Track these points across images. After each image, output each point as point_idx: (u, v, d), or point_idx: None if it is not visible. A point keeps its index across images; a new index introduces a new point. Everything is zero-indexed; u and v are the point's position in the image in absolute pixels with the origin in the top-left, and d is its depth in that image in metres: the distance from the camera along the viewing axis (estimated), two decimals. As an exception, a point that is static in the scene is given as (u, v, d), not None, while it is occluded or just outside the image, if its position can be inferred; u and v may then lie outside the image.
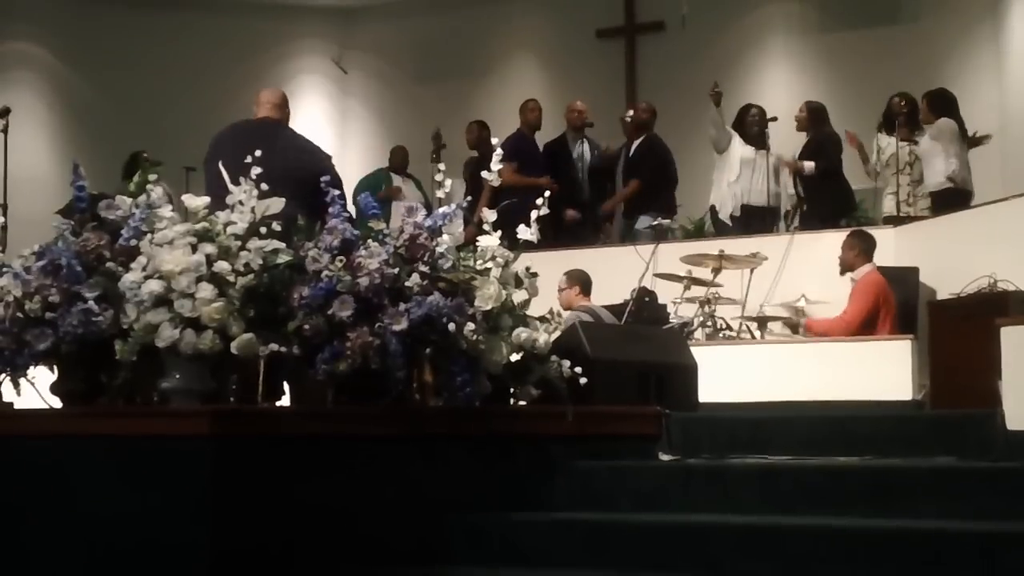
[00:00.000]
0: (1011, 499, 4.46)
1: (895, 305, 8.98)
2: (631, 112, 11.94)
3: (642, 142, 11.74)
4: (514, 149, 11.06)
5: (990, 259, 7.77)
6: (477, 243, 5.16)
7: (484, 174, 5.39)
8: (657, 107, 12.46)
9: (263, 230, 4.90)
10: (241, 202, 5.00)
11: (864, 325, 8.84)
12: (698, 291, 9.44)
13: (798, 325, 9.27)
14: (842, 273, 9.19)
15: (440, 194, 5.30)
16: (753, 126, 11.20)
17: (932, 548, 4.10)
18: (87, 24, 14.66)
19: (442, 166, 5.56)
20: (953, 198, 9.89)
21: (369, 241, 4.89)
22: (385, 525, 4.64)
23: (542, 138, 12.06)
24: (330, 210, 4.97)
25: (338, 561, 4.56)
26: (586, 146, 11.93)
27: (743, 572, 4.26)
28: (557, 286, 8.99)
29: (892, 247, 9.72)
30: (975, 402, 5.72)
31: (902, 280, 9.27)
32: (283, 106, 6.72)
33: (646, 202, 11.42)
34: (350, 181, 11.72)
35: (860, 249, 9.17)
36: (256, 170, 4.93)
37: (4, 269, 5.07)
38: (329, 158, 6.18)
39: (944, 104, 10.26)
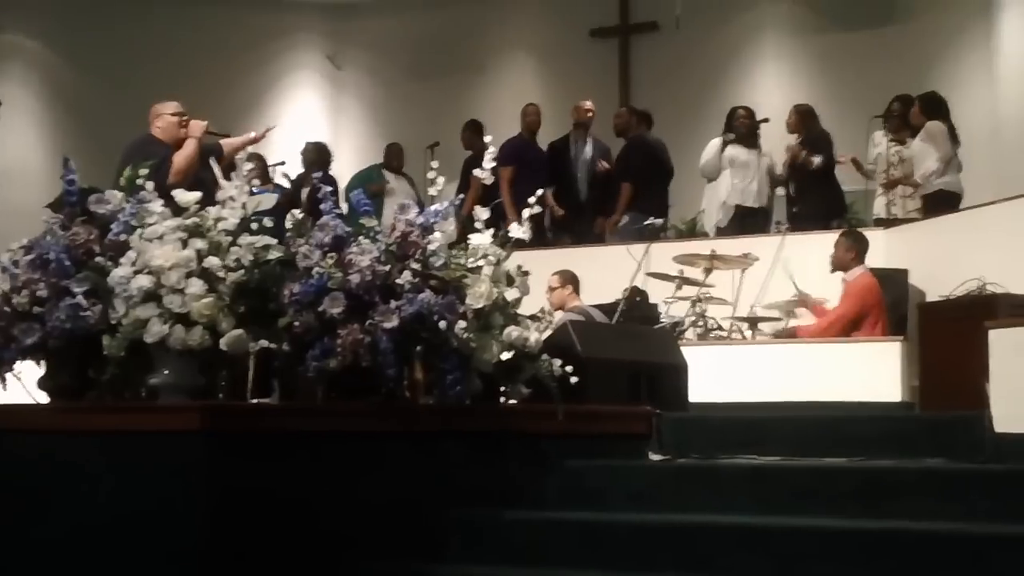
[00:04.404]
0: (999, 500, 4.47)
1: (886, 307, 8.99)
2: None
3: (624, 147, 11.80)
4: (514, 155, 11.10)
5: (979, 262, 7.77)
6: (469, 241, 5.15)
7: (476, 172, 5.39)
8: (651, 107, 12.48)
9: (254, 226, 4.90)
10: (232, 198, 4.99)
11: (848, 326, 8.85)
12: (689, 291, 9.45)
13: (791, 334, 9.25)
14: (833, 271, 9.19)
15: (432, 192, 5.29)
16: (741, 127, 11.22)
17: (921, 549, 4.11)
18: (79, 17, 14.62)
19: (435, 163, 5.55)
20: (944, 200, 9.90)
21: (361, 238, 4.89)
22: (376, 522, 4.63)
23: (540, 139, 12.08)
24: (321, 207, 4.97)
25: (327, 558, 4.55)
26: (588, 146, 11.90)
27: (733, 572, 4.26)
28: (548, 285, 8.97)
29: (882, 249, 9.72)
30: (964, 404, 5.72)
31: (892, 282, 9.28)
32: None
33: (635, 202, 11.44)
34: (343, 178, 11.72)
35: (856, 251, 9.18)
36: None
37: (-7, 262, 5.05)
38: None
39: (935, 107, 10.26)
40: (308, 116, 15.61)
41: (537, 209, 5.30)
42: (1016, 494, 4.50)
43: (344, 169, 12.42)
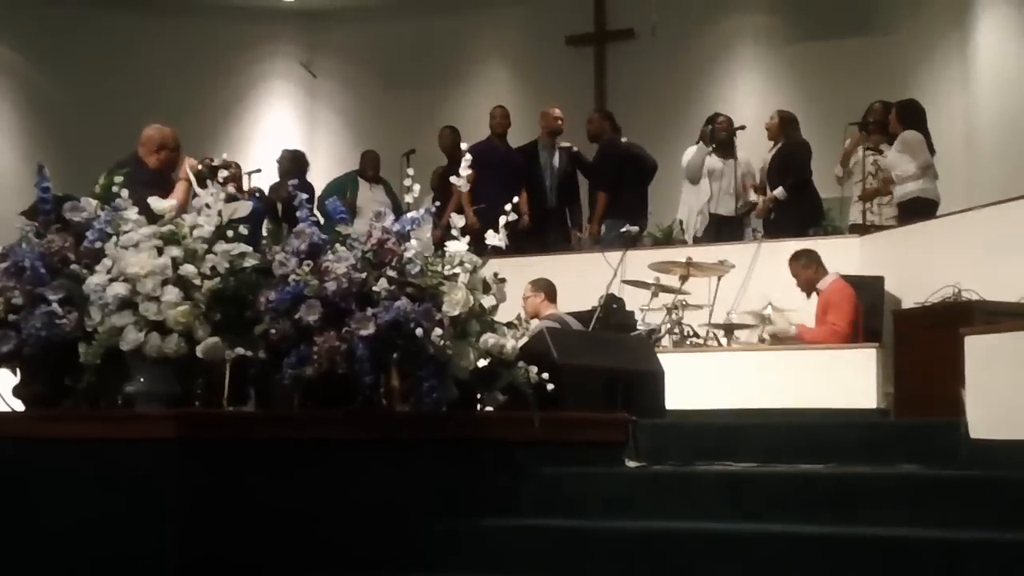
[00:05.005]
0: (974, 507, 4.48)
1: (859, 315, 9.03)
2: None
3: (597, 153, 11.84)
4: (477, 158, 11.06)
5: (955, 269, 7.81)
6: (445, 248, 5.15)
7: (453, 179, 5.39)
8: (627, 114, 12.52)
9: (230, 233, 4.89)
10: (208, 205, 4.98)
11: (853, 333, 8.89)
12: (666, 298, 9.47)
13: (784, 333, 9.27)
14: (808, 295, 9.25)
15: (408, 199, 5.29)
16: (721, 132, 11.27)
17: (896, 555, 4.12)
18: (54, 26, 14.59)
19: (411, 171, 5.55)
20: (921, 208, 9.94)
21: (337, 246, 4.88)
22: (352, 530, 4.62)
23: (512, 144, 12.07)
24: (298, 214, 4.97)
25: (305, 567, 4.54)
26: (556, 155, 11.90)
27: (708, 579, 4.27)
28: (523, 294, 8.98)
29: (858, 256, 9.78)
30: (939, 410, 5.75)
31: (868, 289, 9.32)
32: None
33: (612, 208, 11.46)
34: (318, 186, 11.72)
35: (815, 264, 9.24)
36: None
37: (-32, 271, 5.02)
38: None
39: (912, 116, 10.31)
40: (283, 125, 15.61)
41: (513, 216, 5.30)
42: (991, 500, 4.51)
43: (319, 177, 12.41)
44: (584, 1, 15.20)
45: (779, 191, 10.87)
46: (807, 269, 9.23)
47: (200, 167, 7.87)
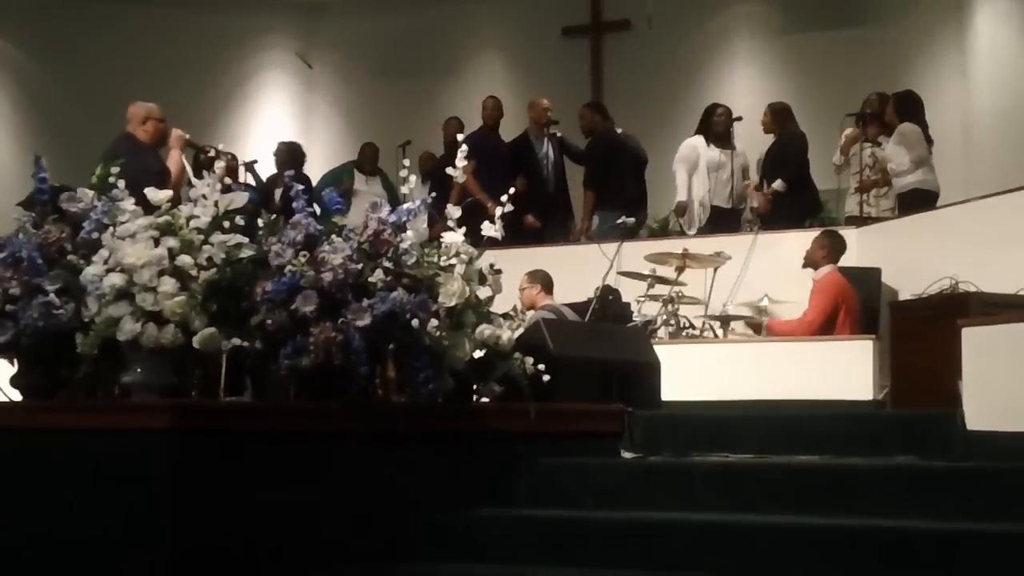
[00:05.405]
0: (970, 498, 4.49)
1: (856, 305, 9.02)
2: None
3: (590, 144, 11.85)
4: (473, 147, 11.03)
5: (952, 260, 7.80)
6: (441, 239, 5.15)
7: (449, 170, 5.39)
8: (623, 105, 12.52)
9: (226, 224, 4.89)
10: (204, 196, 4.98)
11: (825, 325, 8.88)
12: (662, 290, 9.46)
13: (760, 325, 9.30)
14: (804, 266, 9.23)
15: (404, 190, 5.29)
16: (719, 125, 11.25)
17: (892, 547, 4.13)
18: (50, 18, 14.56)
19: (407, 162, 5.55)
20: (920, 199, 9.93)
21: (333, 236, 4.88)
22: (347, 521, 4.63)
23: (507, 135, 12.06)
24: (294, 205, 4.96)
25: (300, 557, 4.54)
26: (548, 144, 11.89)
27: (704, 570, 4.27)
28: (519, 285, 8.97)
29: (855, 247, 9.76)
30: (936, 402, 5.74)
31: (864, 280, 9.31)
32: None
33: (606, 199, 11.44)
34: (314, 177, 11.71)
35: (829, 250, 9.22)
36: None
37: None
38: None
39: (910, 107, 10.29)
40: (279, 116, 15.59)
41: (510, 207, 5.30)
42: (987, 491, 4.52)
43: (316, 168, 12.40)
44: (580, -8, 15.21)
45: (778, 184, 10.84)
46: (820, 249, 9.20)
47: (188, 137, 7.94)
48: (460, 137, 5.56)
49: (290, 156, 11.76)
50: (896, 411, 6.95)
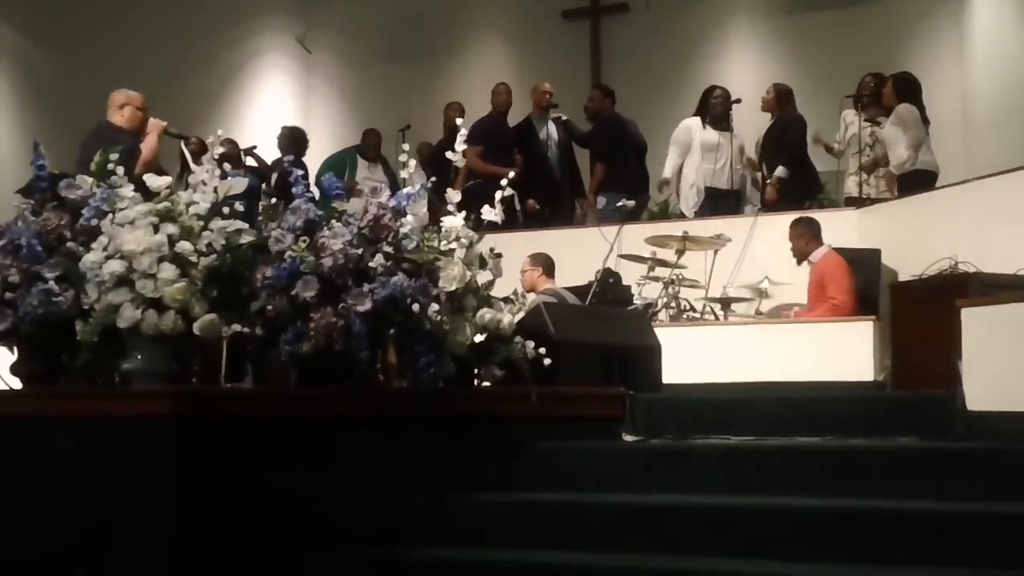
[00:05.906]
0: (970, 479, 4.50)
1: (855, 286, 9.03)
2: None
3: (596, 126, 11.87)
4: (483, 134, 11.06)
5: (951, 241, 7.80)
6: (441, 223, 5.15)
7: (448, 154, 5.39)
8: (622, 87, 12.48)
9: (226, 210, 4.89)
10: (204, 182, 4.98)
11: (856, 301, 8.89)
12: (662, 272, 9.46)
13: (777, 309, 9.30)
14: (800, 262, 9.25)
15: (403, 175, 5.29)
16: (717, 107, 11.24)
17: (893, 527, 4.14)
18: (51, 3, 14.51)
19: (406, 146, 5.54)
20: (920, 179, 9.92)
21: (333, 222, 4.88)
22: (348, 506, 4.63)
23: (510, 119, 12.07)
24: (293, 190, 4.96)
25: (301, 543, 4.55)
26: (551, 127, 11.90)
27: (706, 552, 4.27)
28: (520, 268, 8.98)
29: (854, 229, 9.76)
30: (936, 383, 5.74)
31: (864, 261, 9.31)
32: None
33: (610, 182, 11.47)
34: (315, 161, 11.69)
35: (809, 236, 9.24)
36: None
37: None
38: None
39: (908, 89, 10.29)
40: (279, 100, 15.53)
41: (510, 192, 5.30)
42: (988, 472, 4.53)
43: (316, 151, 12.37)
44: (580, -26, 15.17)
45: (781, 170, 10.84)
46: (800, 239, 9.22)
47: (165, 125, 7.95)
48: (459, 121, 5.54)
49: (292, 140, 11.73)
50: (896, 392, 6.96)
